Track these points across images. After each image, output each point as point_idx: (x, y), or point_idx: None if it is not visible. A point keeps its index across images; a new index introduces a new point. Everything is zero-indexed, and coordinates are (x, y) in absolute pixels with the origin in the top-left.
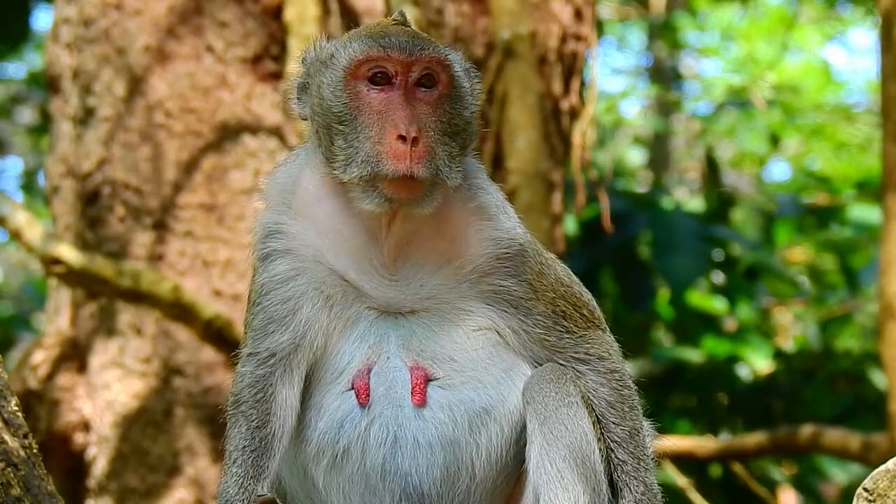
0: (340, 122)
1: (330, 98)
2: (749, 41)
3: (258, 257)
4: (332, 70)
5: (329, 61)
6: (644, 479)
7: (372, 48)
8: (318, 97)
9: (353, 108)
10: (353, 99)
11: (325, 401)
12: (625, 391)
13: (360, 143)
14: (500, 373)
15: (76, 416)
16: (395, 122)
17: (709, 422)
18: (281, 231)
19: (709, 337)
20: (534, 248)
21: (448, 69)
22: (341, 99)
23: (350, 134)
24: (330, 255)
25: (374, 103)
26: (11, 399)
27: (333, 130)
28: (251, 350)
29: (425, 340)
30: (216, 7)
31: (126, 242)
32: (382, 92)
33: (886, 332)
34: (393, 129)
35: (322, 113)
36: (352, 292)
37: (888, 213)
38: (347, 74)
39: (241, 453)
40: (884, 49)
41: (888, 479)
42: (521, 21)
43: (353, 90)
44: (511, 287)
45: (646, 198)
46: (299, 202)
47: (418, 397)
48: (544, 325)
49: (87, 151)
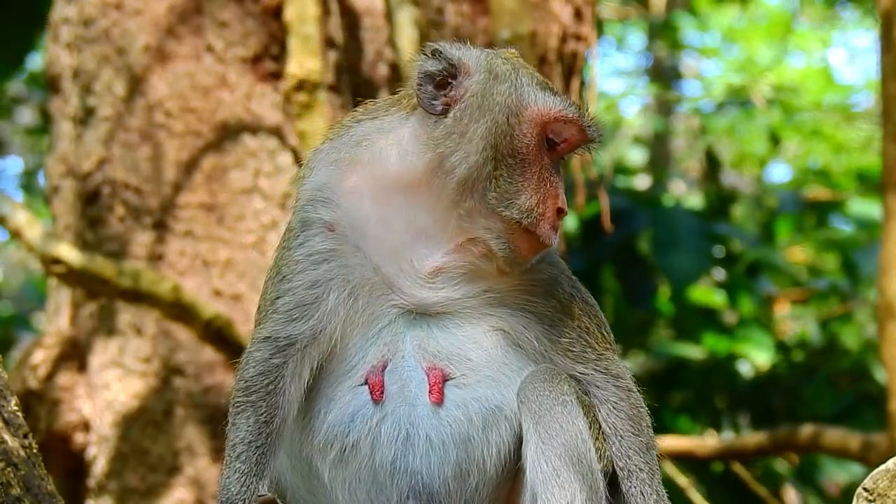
0: (513, 155)
1: (515, 128)
2: (750, 43)
3: (299, 220)
4: (523, 103)
5: (519, 91)
6: (657, 488)
7: (574, 112)
8: (496, 116)
9: (531, 151)
10: (535, 144)
11: (337, 393)
12: (641, 409)
13: (525, 190)
14: (513, 372)
15: (76, 416)
16: (558, 192)
17: (710, 419)
18: (332, 199)
19: (709, 333)
20: (566, 275)
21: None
22: (526, 137)
23: (517, 173)
24: (373, 242)
25: (546, 160)
26: (11, 399)
27: (500, 157)
28: (269, 334)
29: (442, 341)
30: (216, 7)
31: (126, 242)
32: (550, 152)
33: (886, 332)
34: (557, 199)
35: (497, 134)
36: (379, 287)
37: (888, 212)
38: (540, 119)
39: (246, 448)
40: (884, 49)
41: (888, 478)
42: (521, 21)
43: (538, 136)
44: (540, 303)
45: (647, 195)
46: (366, 176)
47: (436, 396)
48: (570, 336)
49: (87, 151)
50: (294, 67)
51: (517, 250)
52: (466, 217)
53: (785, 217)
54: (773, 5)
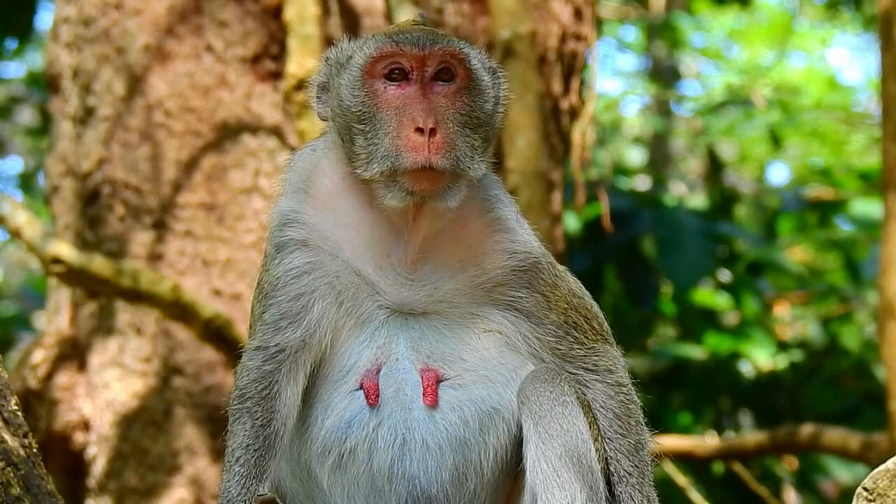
0: (360, 121)
1: (349, 98)
2: (750, 45)
3: (274, 245)
4: (349, 70)
5: (347, 62)
6: (648, 493)
7: (386, 44)
8: (337, 98)
9: (371, 105)
10: (371, 97)
11: (333, 399)
12: (631, 405)
13: (379, 140)
14: (508, 372)
15: (76, 416)
16: (411, 116)
17: (711, 419)
18: (299, 220)
19: (711, 333)
20: (548, 261)
21: (464, 62)
22: (359, 98)
23: (370, 132)
24: (347, 248)
25: (391, 99)
26: (11, 398)
27: (354, 130)
28: (259, 344)
29: (435, 342)
30: (216, 7)
31: (126, 242)
32: (399, 88)
33: (886, 332)
34: (410, 122)
35: (342, 113)
36: (364, 289)
37: (888, 212)
38: (364, 73)
39: (244, 452)
40: (884, 49)
41: (888, 478)
42: (520, 21)
43: (371, 88)
44: (524, 297)
45: (649, 195)
46: (318, 193)
47: (430, 398)
48: (556, 334)
49: (86, 151)
50: (294, 67)
51: (412, 190)
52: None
53: (787, 216)
54: (773, 4)
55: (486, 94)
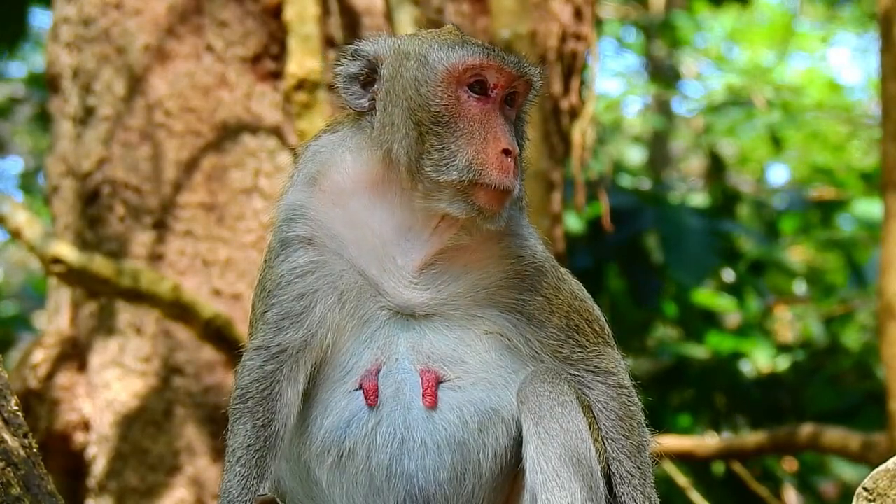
0: (436, 122)
1: (428, 96)
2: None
3: (279, 240)
4: (427, 69)
5: (424, 59)
6: (649, 494)
7: (482, 56)
8: (409, 93)
9: (452, 110)
10: (454, 102)
11: (332, 399)
12: (633, 407)
13: (458, 148)
14: (509, 374)
15: (76, 416)
16: (498, 136)
17: (712, 418)
18: (306, 216)
19: (712, 333)
20: (551, 265)
21: (529, 91)
22: (441, 100)
23: (447, 136)
24: (353, 247)
25: (475, 112)
26: (11, 398)
27: (425, 129)
28: (261, 343)
29: (436, 343)
30: (216, 6)
31: (126, 242)
32: (481, 102)
33: (886, 332)
34: (498, 142)
35: (413, 108)
36: (367, 290)
37: (888, 212)
38: (449, 76)
39: (245, 452)
40: (884, 49)
41: (888, 478)
42: (520, 20)
43: (454, 94)
44: (527, 300)
45: (652, 194)
46: (329, 187)
47: (430, 399)
48: (558, 336)
49: (86, 151)
50: (294, 67)
51: (480, 206)
52: (425, 198)
53: (789, 215)
54: (773, 5)
55: (527, 121)
